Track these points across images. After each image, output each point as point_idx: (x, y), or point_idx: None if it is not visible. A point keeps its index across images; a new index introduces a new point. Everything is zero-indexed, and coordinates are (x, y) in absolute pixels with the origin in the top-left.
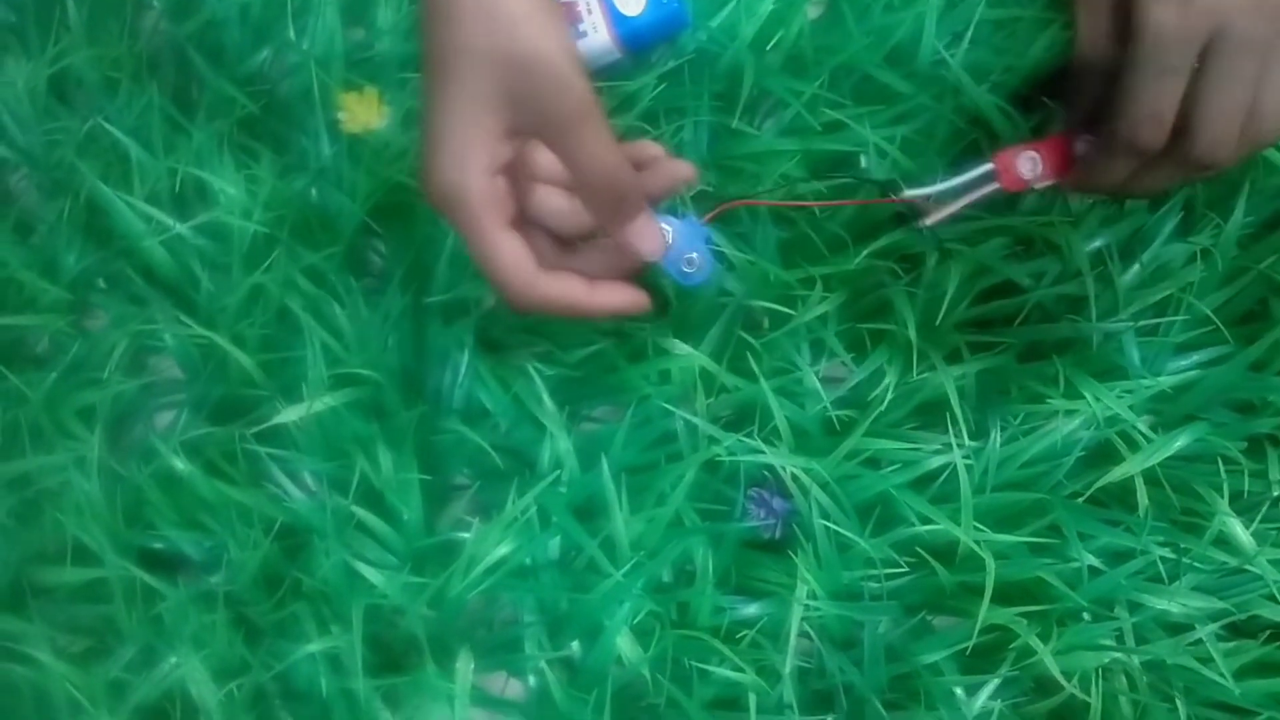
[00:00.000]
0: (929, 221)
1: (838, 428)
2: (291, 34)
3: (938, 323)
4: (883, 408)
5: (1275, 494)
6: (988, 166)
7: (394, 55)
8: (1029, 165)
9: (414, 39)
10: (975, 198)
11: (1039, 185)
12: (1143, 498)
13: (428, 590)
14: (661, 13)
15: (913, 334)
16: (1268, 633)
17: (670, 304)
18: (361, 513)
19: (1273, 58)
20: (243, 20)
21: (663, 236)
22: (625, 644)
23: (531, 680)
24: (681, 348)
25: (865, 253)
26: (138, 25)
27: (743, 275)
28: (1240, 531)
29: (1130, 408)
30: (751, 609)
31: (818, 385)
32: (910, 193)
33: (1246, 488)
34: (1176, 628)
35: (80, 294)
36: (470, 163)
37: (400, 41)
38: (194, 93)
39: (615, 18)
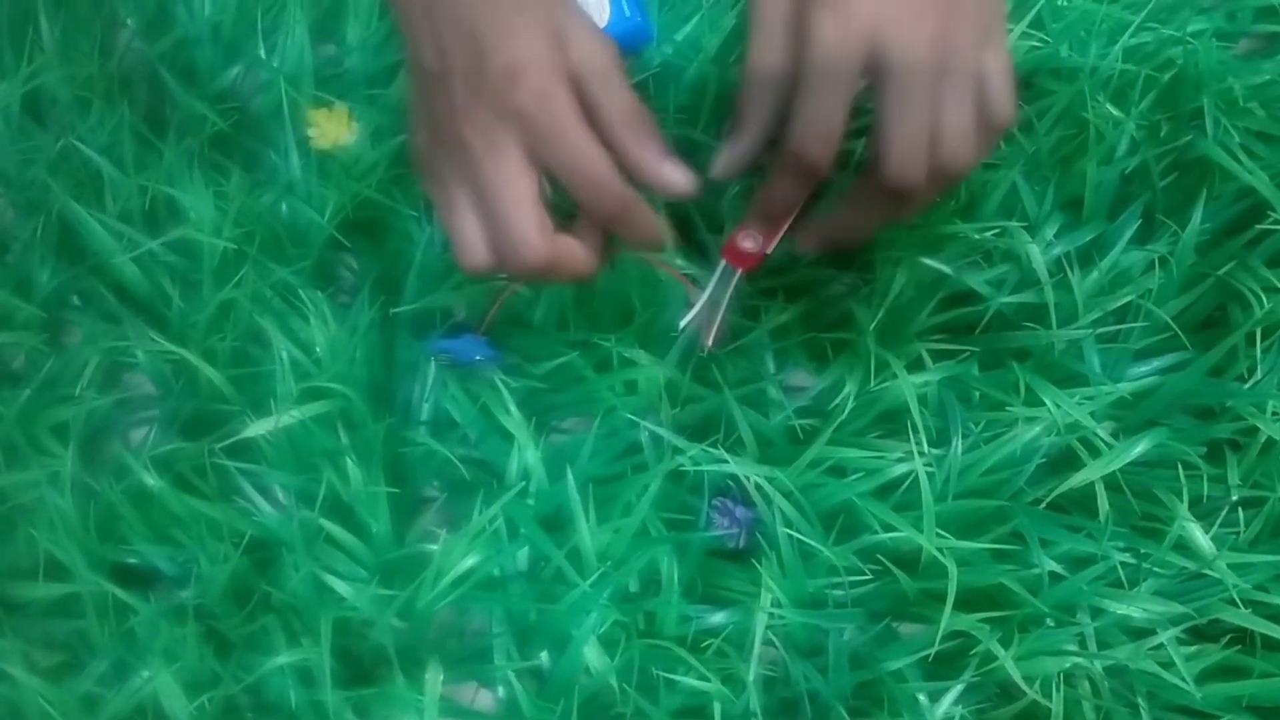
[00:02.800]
0: (710, 345)
1: (801, 437)
2: (262, 52)
3: (899, 332)
4: (845, 416)
5: (1235, 498)
6: (721, 265)
7: (363, 71)
8: (751, 241)
9: (383, 55)
10: (730, 294)
11: (770, 250)
12: (1103, 503)
13: (396, 602)
14: (626, 27)
15: (872, 343)
16: (1228, 636)
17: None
18: (330, 526)
19: (945, 84)
20: (214, 38)
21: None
22: (592, 654)
23: (500, 691)
24: (646, 358)
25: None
26: (110, 44)
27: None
28: (1200, 536)
29: (1090, 414)
30: (717, 618)
31: (780, 395)
32: (684, 321)
33: (1206, 492)
34: (1138, 632)
35: (54, 311)
36: (555, 68)
37: (370, 57)
38: (165, 111)
39: None
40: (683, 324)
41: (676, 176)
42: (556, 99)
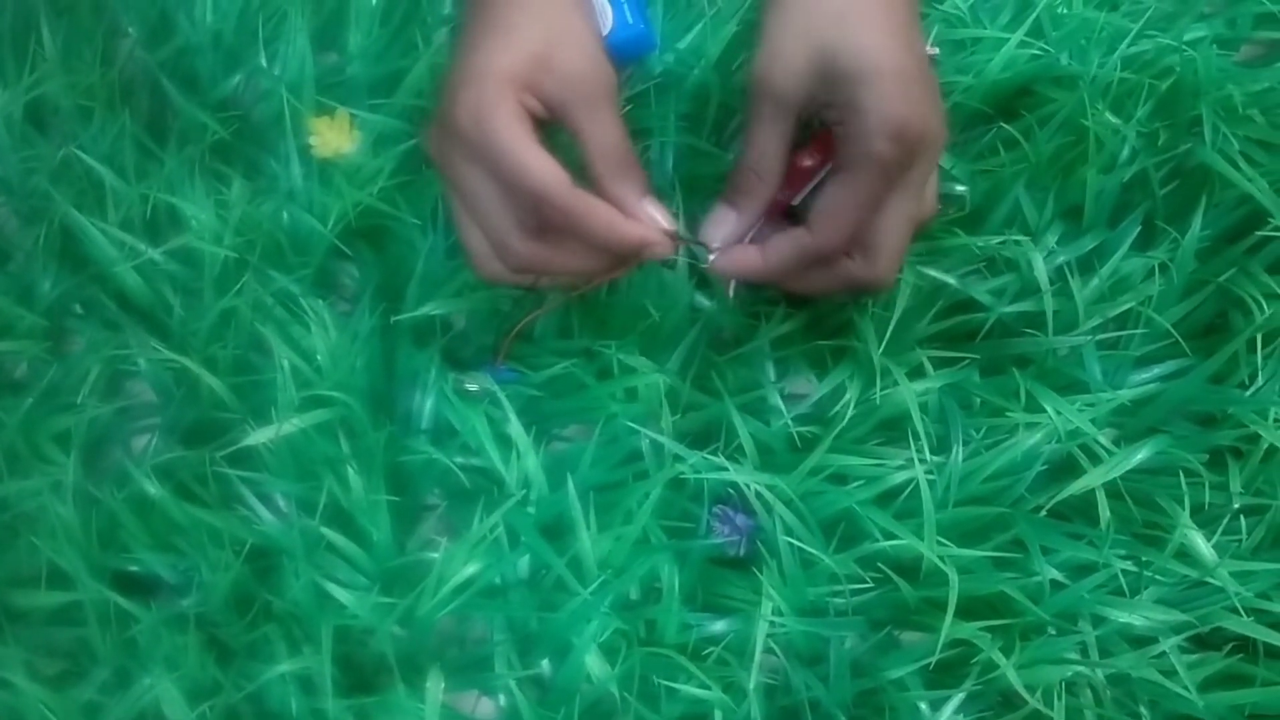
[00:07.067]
0: (731, 291)
1: (801, 444)
2: (263, 60)
3: (900, 339)
4: (845, 424)
5: (1236, 506)
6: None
7: (365, 79)
8: (810, 160)
9: (384, 63)
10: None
11: (796, 202)
12: (1104, 511)
13: (397, 610)
14: (629, 34)
15: (875, 351)
16: (1231, 645)
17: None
18: (331, 534)
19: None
20: (215, 47)
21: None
22: (594, 662)
23: (501, 699)
24: (647, 365)
25: None
26: (112, 53)
27: (709, 293)
28: (1202, 544)
29: (1091, 421)
30: (718, 626)
31: (780, 403)
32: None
33: (1208, 500)
34: (1140, 641)
35: (56, 320)
36: (507, 84)
37: (371, 65)
38: (167, 119)
39: None
40: (715, 246)
41: (654, 215)
42: (492, 115)
